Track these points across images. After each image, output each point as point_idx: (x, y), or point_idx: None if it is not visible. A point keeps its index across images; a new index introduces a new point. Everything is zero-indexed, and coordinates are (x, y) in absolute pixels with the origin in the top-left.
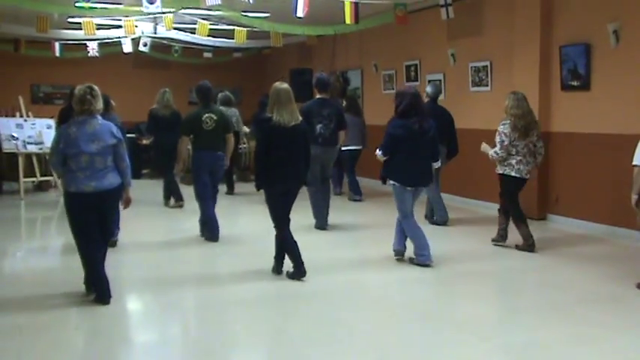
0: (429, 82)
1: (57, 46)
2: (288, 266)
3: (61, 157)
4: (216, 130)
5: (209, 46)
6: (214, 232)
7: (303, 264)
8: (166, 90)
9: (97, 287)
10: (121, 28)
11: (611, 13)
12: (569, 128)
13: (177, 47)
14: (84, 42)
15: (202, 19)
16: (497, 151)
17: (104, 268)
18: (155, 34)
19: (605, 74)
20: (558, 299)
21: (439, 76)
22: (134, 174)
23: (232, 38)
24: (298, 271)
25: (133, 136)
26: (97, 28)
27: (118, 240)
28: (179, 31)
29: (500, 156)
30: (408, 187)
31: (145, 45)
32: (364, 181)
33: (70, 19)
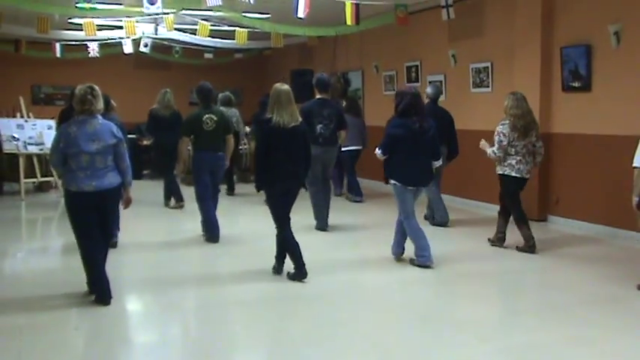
0: (430, 83)
1: (58, 46)
2: (289, 267)
3: (61, 156)
4: (217, 130)
5: (210, 46)
6: (214, 232)
7: (304, 265)
8: (167, 90)
9: (97, 288)
10: (121, 29)
11: (612, 14)
12: (570, 129)
13: (177, 48)
14: (85, 43)
15: (203, 19)
16: (494, 151)
17: (105, 269)
18: (156, 34)
19: (606, 75)
20: (558, 300)
21: (440, 77)
22: (135, 174)
23: (233, 39)
24: (299, 272)
25: (134, 136)
26: (97, 29)
27: (118, 241)
28: (180, 31)
29: (497, 156)
30: (408, 187)
31: (146, 46)
32: (364, 182)
33: (70, 20)
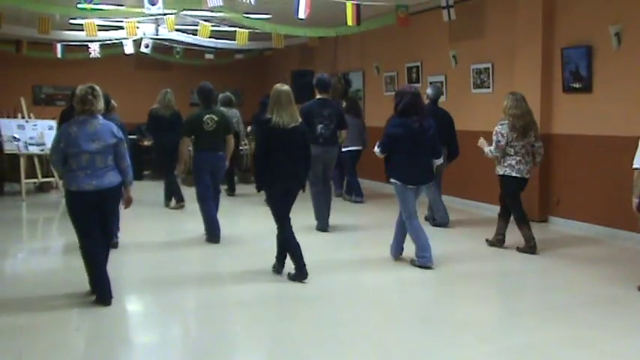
0: (431, 83)
1: (59, 47)
2: (290, 267)
3: (61, 156)
4: (217, 131)
5: (211, 47)
6: (215, 233)
7: (304, 266)
8: (168, 91)
9: (98, 288)
10: (122, 30)
11: (612, 15)
12: (571, 130)
13: (178, 48)
14: (86, 43)
15: (204, 20)
16: (492, 150)
17: (106, 269)
18: (157, 35)
19: (607, 76)
20: (559, 301)
21: (441, 78)
22: (135, 175)
23: (234, 40)
24: (300, 273)
25: (135, 137)
26: (98, 30)
27: (118, 241)
28: (181, 32)
29: (494, 155)
30: (408, 186)
31: (147, 46)
32: (365, 183)
33: (71, 21)
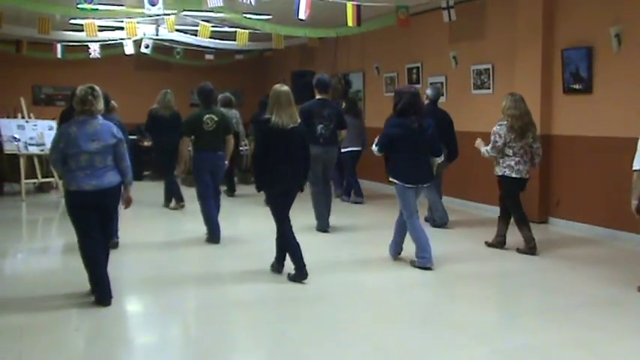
0: (431, 84)
1: (59, 47)
2: (289, 268)
3: (60, 156)
4: (217, 131)
5: (211, 48)
6: (215, 233)
7: (304, 266)
8: (168, 91)
9: (98, 288)
10: (122, 30)
11: (613, 16)
12: (571, 131)
13: (178, 49)
14: (86, 43)
15: (204, 21)
16: (488, 150)
17: (106, 269)
18: (157, 35)
19: (607, 77)
20: (558, 302)
21: (441, 79)
22: (135, 175)
23: (234, 40)
24: (300, 273)
25: (135, 137)
26: (98, 30)
27: (119, 241)
28: (181, 32)
29: (490, 155)
30: (407, 185)
31: (147, 47)
32: (365, 183)
33: (71, 21)
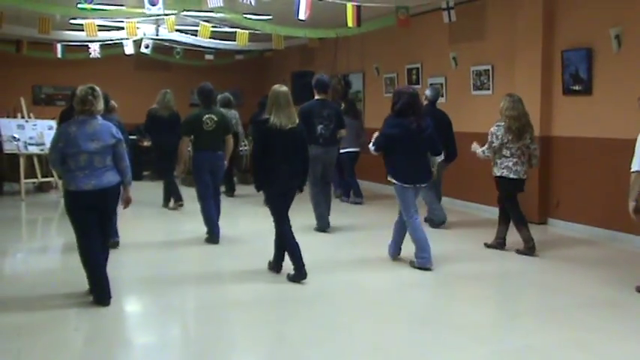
0: (431, 85)
1: (59, 47)
2: (288, 268)
3: (59, 155)
4: (217, 131)
5: (211, 48)
6: (215, 232)
7: (304, 266)
8: (167, 91)
9: (96, 288)
10: (122, 30)
11: (613, 17)
12: (571, 133)
13: (178, 49)
14: (86, 43)
15: (204, 21)
16: (484, 150)
17: (105, 270)
18: (157, 35)
19: (607, 79)
20: (557, 303)
21: (441, 80)
22: (135, 175)
23: (234, 40)
24: (299, 273)
25: (134, 137)
26: (98, 30)
27: (119, 240)
28: (181, 33)
29: (486, 155)
30: (405, 185)
31: (147, 47)
32: (364, 184)
33: (72, 21)
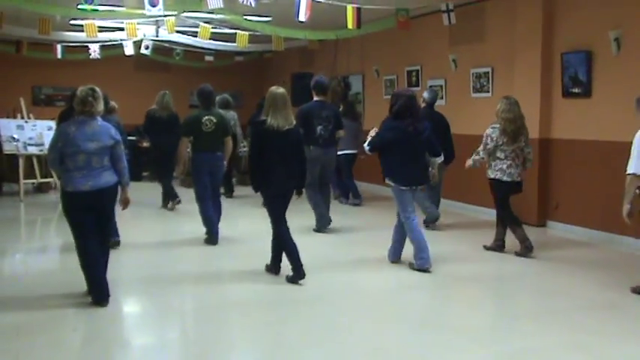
0: (430, 87)
1: (59, 48)
2: (288, 270)
3: (58, 154)
4: (216, 132)
5: (210, 49)
6: (213, 232)
7: (302, 266)
8: (166, 92)
9: (95, 289)
10: (122, 31)
11: (612, 20)
12: (570, 135)
13: (178, 50)
14: (86, 44)
15: (204, 22)
16: (479, 152)
17: (104, 270)
18: (157, 36)
19: (607, 81)
20: (556, 305)
21: (440, 82)
22: (134, 176)
23: (234, 42)
24: (297, 272)
25: (134, 138)
26: (98, 31)
27: (120, 240)
28: (181, 34)
29: (481, 157)
30: (402, 187)
31: (147, 48)
32: (363, 185)
33: (72, 22)
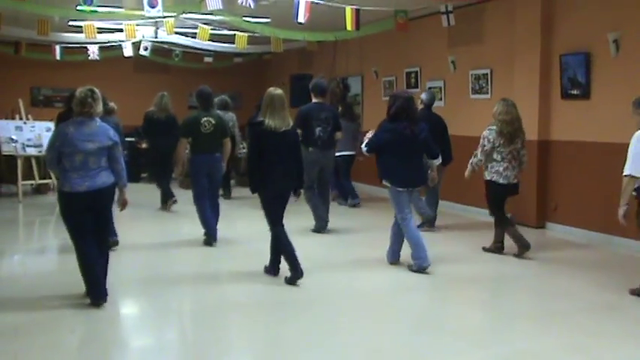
0: (429, 89)
1: (57, 49)
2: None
3: (56, 154)
4: (215, 133)
5: (210, 50)
6: (211, 233)
7: (299, 265)
8: (164, 94)
9: (93, 290)
10: (121, 32)
11: (611, 22)
12: (569, 136)
13: (177, 51)
14: (85, 45)
15: (203, 23)
16: (477, 154)
17: (102, 271)
18: (156, 38)
19: (605, 83)
20: (555, 307)
21: (439, 84)
22: (133, 177)
23: (233, 43)
24: (295, 272)
25: (132, 139)
26: (97, 32)
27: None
28: (180, 35)
29: (479, 159)
30: (399, 189)
31: (146, 49)
32: (361, 187)
33: (71, 23)
